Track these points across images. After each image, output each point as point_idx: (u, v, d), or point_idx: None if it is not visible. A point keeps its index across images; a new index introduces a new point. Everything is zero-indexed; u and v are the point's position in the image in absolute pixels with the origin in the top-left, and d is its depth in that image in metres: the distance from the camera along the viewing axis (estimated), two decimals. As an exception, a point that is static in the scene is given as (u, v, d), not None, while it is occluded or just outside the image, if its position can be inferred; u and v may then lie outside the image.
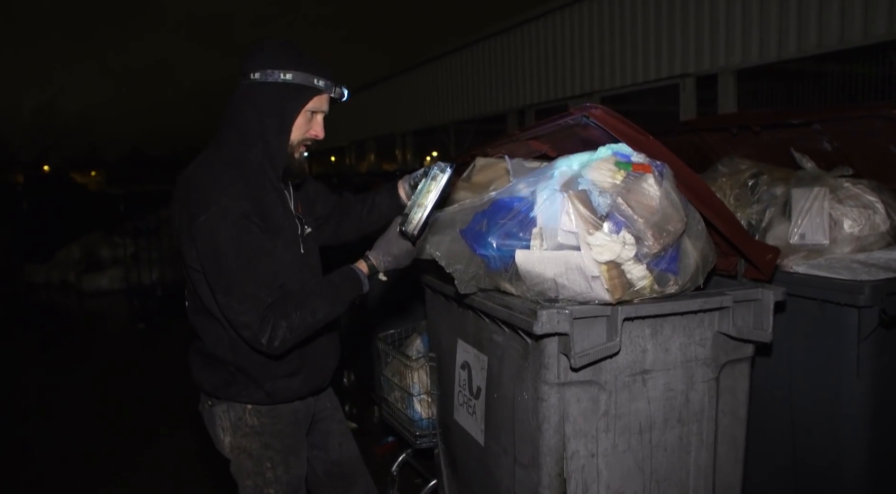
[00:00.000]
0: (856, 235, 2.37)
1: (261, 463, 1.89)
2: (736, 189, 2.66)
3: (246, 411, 1.87)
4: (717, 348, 2.01)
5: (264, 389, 1.85)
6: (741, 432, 2.10)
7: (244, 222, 1.66)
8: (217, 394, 1.88)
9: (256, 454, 1.88)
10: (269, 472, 1.89)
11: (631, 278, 1.78)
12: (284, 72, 1.72)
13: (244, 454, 1.89)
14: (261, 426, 1.88)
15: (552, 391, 1.87)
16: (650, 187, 1.74)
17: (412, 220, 1.81)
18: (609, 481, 1.94)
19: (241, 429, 1.88)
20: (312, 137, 1.84)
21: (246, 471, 1.90)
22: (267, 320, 1.65)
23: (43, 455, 4.18)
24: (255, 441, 1.88)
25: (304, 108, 1.77)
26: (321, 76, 1.76)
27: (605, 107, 1.85)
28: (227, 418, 1.88)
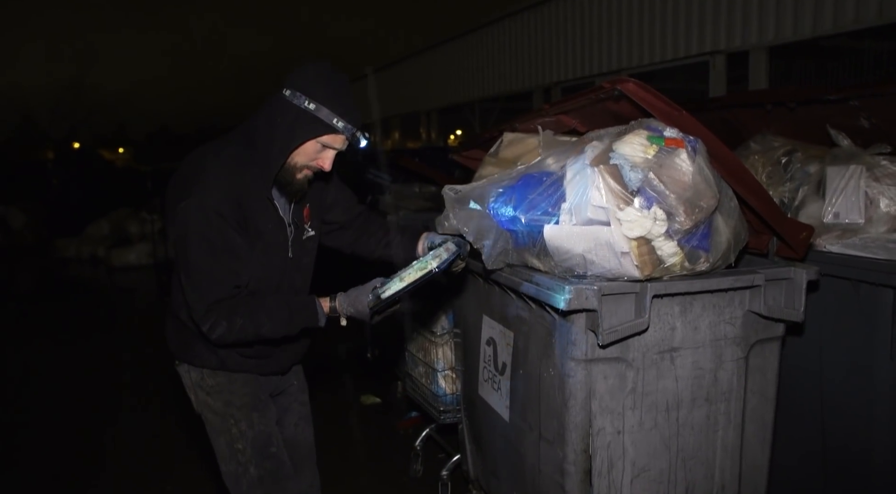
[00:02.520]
0: (892, 214, 2.31)
1: (226, 420, 1.98)
2: (769, 167, 2.60)
3: (203, 372, 1.97)
4: (748, 326, 1.98)
5: (217, 355, 1.93)
6: (770, 412, 2.08)
7: (217, 218, 1.72)
8: (178, 355, 2.00)
9: (220, 411, 1.98)
10: (234, 428, 1.97)
11: (661, 254, 1.76)
12: (310, 101, 1.76)
13: (210, 411, 1.99)
14: (218, 385, 1.97)
15: (579, 367, 1.87)
16: (683, 163, 1.71)
17: (386, 290, 1.80)
18: (635, 458, 1.94)
19: (202, 388, 1.98)
20: (317, 167, 1.87)
21: (215, 429, 2.00)
22: (211, 313, 1.75)
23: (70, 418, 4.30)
24: (217, 399, 1.98)
25: (314, 138, 1.80)
26: (344, 119, 1.78)
27: (637, 80, 1.82)
28: (188, 377, 2.00)
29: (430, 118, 17.09)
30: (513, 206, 1.89)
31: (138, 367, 5.36)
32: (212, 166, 1.77)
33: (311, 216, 2.04)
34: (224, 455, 2.00)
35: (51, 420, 4.36)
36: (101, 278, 10.02)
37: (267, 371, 2.05)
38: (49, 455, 3.84)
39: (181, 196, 1.74)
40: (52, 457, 3.80)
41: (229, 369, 1.96)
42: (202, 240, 1.73)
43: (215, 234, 1.74)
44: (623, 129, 1.85)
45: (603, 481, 1.93)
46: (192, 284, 1.76)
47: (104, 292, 9.13)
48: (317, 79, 1.78)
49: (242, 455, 1.98)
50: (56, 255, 11.44)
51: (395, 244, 2.21)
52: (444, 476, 3.10)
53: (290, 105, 1.77)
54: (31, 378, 5.24)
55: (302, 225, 2.01)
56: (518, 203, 1.88)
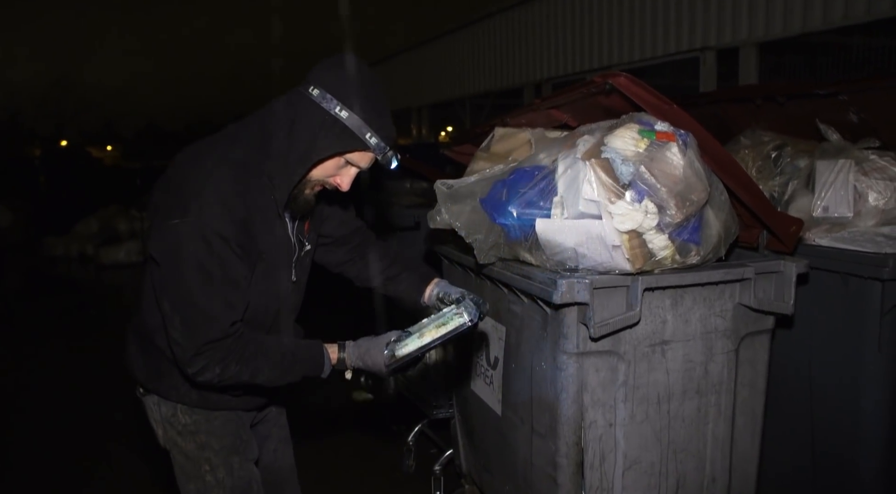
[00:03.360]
0: (881, 208, 2.33)
1: (198, 466, 1.69)
2: (759, 161, 2.62)
3: (178, 408, 1.68)
4: (738, 319, 2.00)
5: (198, 391, 1.65)
6: (760, 404, 2.10)
7: (219, 243, 1.44)
8: (146, 384, 1.70)
9: (193, 455, 1.69)
10: (209, 475, 1.70)
11: (652, 247, 1.77)
12: (342, 107, 1.47)
13: (180, 453, 1.71)
14: (194, 424, 1.68)
15: (571, 360, 1.87)
16: (674, 156, 1.72)
17: (404, 346, 1.60)
18: (626, 450, 1.95)
19: (173, 427, 1.69)
20: (334, 185, 1.61)
21: (186, 474, 1.72)
22: (201, 357, 1.47)
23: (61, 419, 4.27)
24: (189, 440, 1.69)
25: (341, 154, 1.54)
26: (379, 134, 1.50)
27: (628, 74, 1.83)
28: (157, 411, 1.71)
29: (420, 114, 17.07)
30: (505, 200, 1.89)
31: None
32: (215, 176, 1.46)
33: (309, 229, 1.78)
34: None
35: (41, 421, 4.33)
36: (90, 277, 9.96)
37: (252, 407, 1.80)
38: (39, 456, 3.81)
39: (175, 210, 1.44)
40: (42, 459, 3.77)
41: (210, 407, 1.68)
42: (198, 269, 1.43)
43: (215, 262, 1.44)
44: (614, 123, 1.86)
45: (595, 473, 1.93)
46: (182, 319, 1.46)
47: (93, 291, 9.07)
48: (351, 80, 1.50)
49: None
50: (44, 253, 11.36)
51: (404, 282, 1.97)
52: (437, 471, 3.10)
53: (317, 108, 1.48)
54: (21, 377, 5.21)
55: (303, 240, 1.75)
56: (510, 197, 1.88)
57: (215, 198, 1.44)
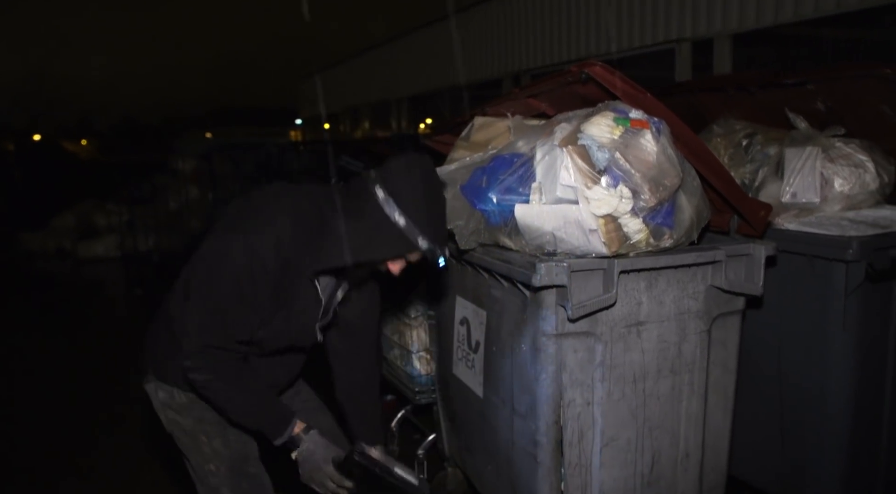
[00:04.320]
0: (846, 193, 2.42)
1: (196, 439, 1.83)
2: (730, 149, 2.70)
3: (174, 391, 1.82)
4: (710, 301, 2.07)
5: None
6: (731, 382, 2.18)
7: (259, 269, 1.60)
8: (152, 368, 1.85)
9: (190, 429, 1.83)
10: (206, 446, 1.83)
11: (627, 231, 1.83)
12: (401, 214, 1.57)
13: (180, 430, 1.85)
14: (190, 402, 1.81)
15: (550, 342, 1.94)
16: (648, 143, 1.79)
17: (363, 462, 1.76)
18: (604, 428, 2.02)
19: (171, 407, 1.83)
20: (384, 269, 1.74)
21: (187, 448, 1.85)
22: (202, 356, 1.63)
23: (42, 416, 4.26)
24: (187, 416, 1.82)
25: (394, 258, 1.68)
26: (428, 240, 1.61)
27: (603, 64, 1.88)
28: (156, 397, 1.85)
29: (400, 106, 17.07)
30: (485, 186, 1.95)
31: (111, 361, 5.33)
32: (281, 219, 1.62)
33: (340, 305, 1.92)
34: (197, 477, 1.87)
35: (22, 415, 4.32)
36: (69, 271, 9.86)
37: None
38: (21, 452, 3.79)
39: (238, 228, 1.63)
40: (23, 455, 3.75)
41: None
42: (234, 282, 1.59)
43: (248, 282, 1.60)
44: (591, 111, 1.92)
45: (574, 451, 2.00)
46: (201, 316, 1.62)
47: (72, 285, 8.99)
48: (414, 189, 1.60)
49: (215, 476, 1.84)
50: (21, 248, 11.20)
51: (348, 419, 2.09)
52: (420, 455, 3.16)
53: (380, 211, 1.58)
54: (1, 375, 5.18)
55: (329, 310, 1.87)
56: (489, 184, 1.94)
57: (273, 234, 1.61)
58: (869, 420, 2.32)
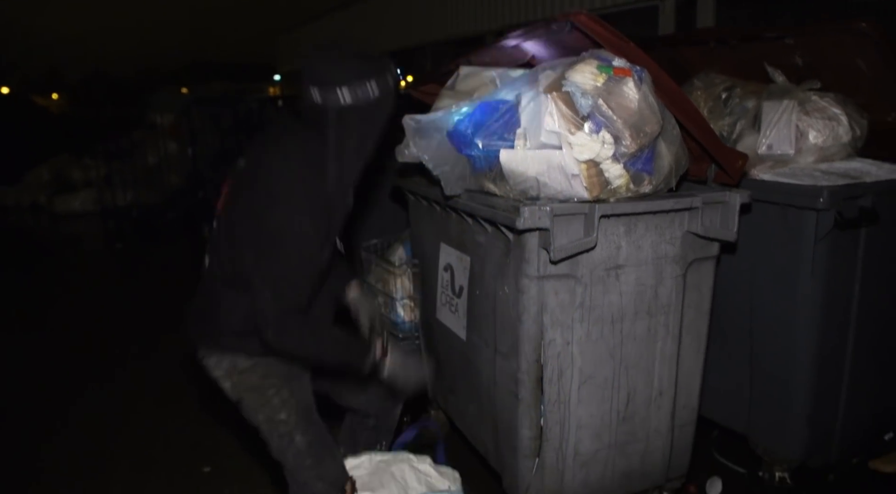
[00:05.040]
0: (819, 145, 2.50)
1: (264, 393, 1.93)
2: (710, 102, 2.75)
3: (237, 357, 1.92)
4: (686, 246, 2.15)
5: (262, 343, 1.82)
6: (704, 324, 2.28)
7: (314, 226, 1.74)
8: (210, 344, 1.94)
9: (257, 385, 1.93)
10: (275, 398, 1.93)
11: (608, 176, 1.89)
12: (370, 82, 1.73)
13: (246, 390, 1.94)
14: (254, 364, 1.92)
15: (532, 283, 2.01)
16: (630, 90, 1.83)
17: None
18: (582, 366, 2.11)
19: (236, 371, 1.93)
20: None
21: (254, 406, 1.94)
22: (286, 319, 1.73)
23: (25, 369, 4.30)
24: (252, 375, 1.93)
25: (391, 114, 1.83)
26: (391, 72, 1.78)
27: (589, 13, 1.92)
28: (220, 368, 1.94)
29: (381, 63, 16.84)
30: (470, 132, 1.99)
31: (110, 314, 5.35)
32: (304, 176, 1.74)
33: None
34: (267, 432, 1.96)
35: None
36: (45, 226, 9.76)
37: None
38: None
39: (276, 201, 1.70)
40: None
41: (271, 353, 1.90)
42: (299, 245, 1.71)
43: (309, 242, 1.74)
44: (575, 59, 1.96)
45: (553, 388, 2.10)
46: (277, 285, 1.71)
47: (51, 240, 8.91)
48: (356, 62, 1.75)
49: (286, 425, 1.94)
50: (-6, 203, 11.04)
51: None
52: (404, 400, 3.26)
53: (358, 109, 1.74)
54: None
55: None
56: (475, 130, 1.98)
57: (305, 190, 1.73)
58: (832, 363, 2.44)
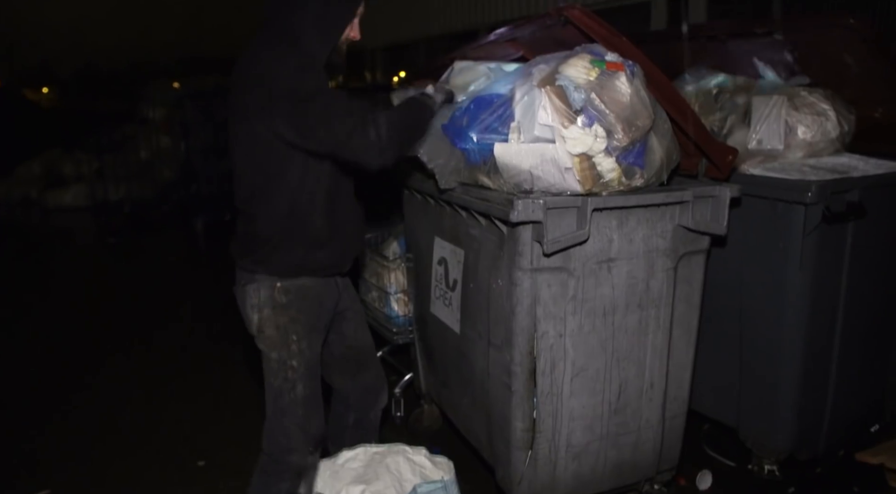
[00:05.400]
0: (808, 141, 2.54)
1: (286, 336, 2.04)
2: (701, 97, 2.78)
3: (275, 289, 2.02)
4: (677, 239, 2.18)
5: (297, 256, 2.00)
6: (695, 317, 2.31)
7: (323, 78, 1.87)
8: (255, 267, 2.03)
9: (283, 326, 2.03)
10: (294, 345, 2.05)
11: (601, 170, 1.91)
12: None
13: (272, 326, 2.04)
14: (288, 302, 2.03)
15: (525, 276, 2.03)
16: (622, 85, 1.86)
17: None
18: (575, 358, 2.14)
19: (269, 305, 2.03)
20: (353, 39, 2.01)
21: (272, 344, 2.05)
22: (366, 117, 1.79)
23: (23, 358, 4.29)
24: (283, 315, 2.03)
25: (357, 14, 1.95)
26: None
27: (582, 7, 1.94)
28: (256, 296, 2.04)
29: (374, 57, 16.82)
30: (465, 126, 2.01)
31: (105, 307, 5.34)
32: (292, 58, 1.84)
33: None
34: (273, 370, 2.06)
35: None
36: (36, 220, 9.71)
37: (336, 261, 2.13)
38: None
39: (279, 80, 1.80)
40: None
41: (302, 270, 2.03)
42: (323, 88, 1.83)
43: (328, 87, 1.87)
44: (568, 54, 1.98)
45: (546, 380, 2.12)
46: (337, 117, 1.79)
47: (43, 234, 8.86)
48: None
49: (294, 372, 2.05)
50: (-17, 197, 10.96)
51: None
52: (397, 394, 3.28)
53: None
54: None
55: None
56: (470, 123, 2.00)
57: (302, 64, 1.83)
58: (820, 356, 2.48)
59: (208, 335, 4.52)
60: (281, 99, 1.80)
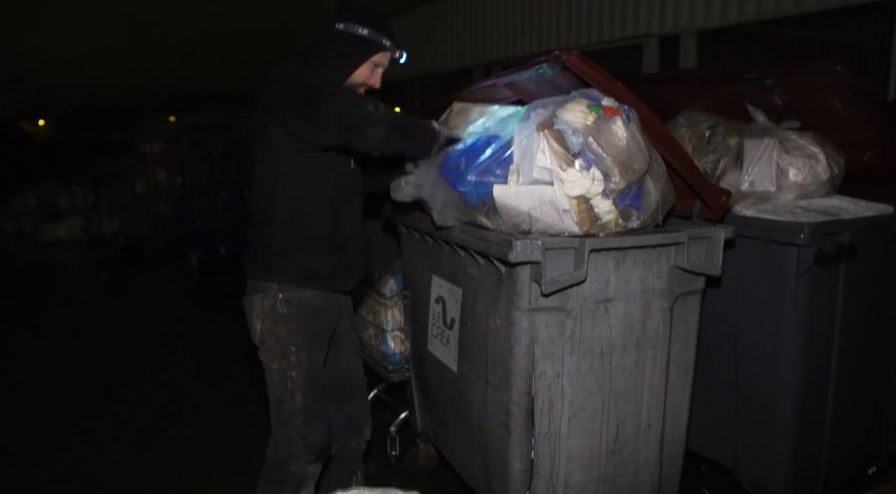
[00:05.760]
0: (800, 183, 2.58)
1: (286, 347, 2.14)
2: (694, 140, 2.84)
3: (277, 300, 2.14)
4: (673, 280, 2.20)
5: (298, 262, 2.12)
6: (691, 357, 2.32)
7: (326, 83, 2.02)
8: (259, 275, 2.15)
9: (284, 338, 2.15)
10: (293, 356, 2.15)
11: (598, 212, 1.95)
12: (363, 27, 2.08)
13: (273, 337, 2.15)
14: (289, 313, 2.15)
15: (524, 316, 2.05)
16: (618, 129, 1.90)
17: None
18: (573, 398, 2.14)
19: (271, 316, 2.14)
20: (371, 85, 2.18)
21: (273, 355, 2.16)
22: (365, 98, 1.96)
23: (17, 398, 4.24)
24: (283, 326, 2.15)
25: (369, 59, 2.12)
26: (390, 38, 2.13)
27: (577, 53, 1.99)
28: (260, 306, 2.15)
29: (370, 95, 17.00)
30: (463, 169, 2.04)
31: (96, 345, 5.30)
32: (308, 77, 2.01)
33: None
34: (274, 381, 2.18)
35: None
36: (30, 253, 9.68)
37: (341, 274, 2.24)
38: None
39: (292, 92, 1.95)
40: None
41: (307, 277, 2.14)
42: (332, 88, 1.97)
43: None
44: (565, 98, 2.03)
45: (544, 420, 2.12)
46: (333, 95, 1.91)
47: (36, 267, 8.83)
48: (362, 10, 2.11)
49: (293, 382, 2.16)
50: (-24, 229, 10.93)
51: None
52: (393, 432, 3.26)
53: (346, 34, 2.07)
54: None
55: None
56: (468, 166, 2.03)
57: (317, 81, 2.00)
58: (816, 397, 2.49)
59: (203, 375, 4.48)
60: (295, 97, 1.94)
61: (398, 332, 3.20)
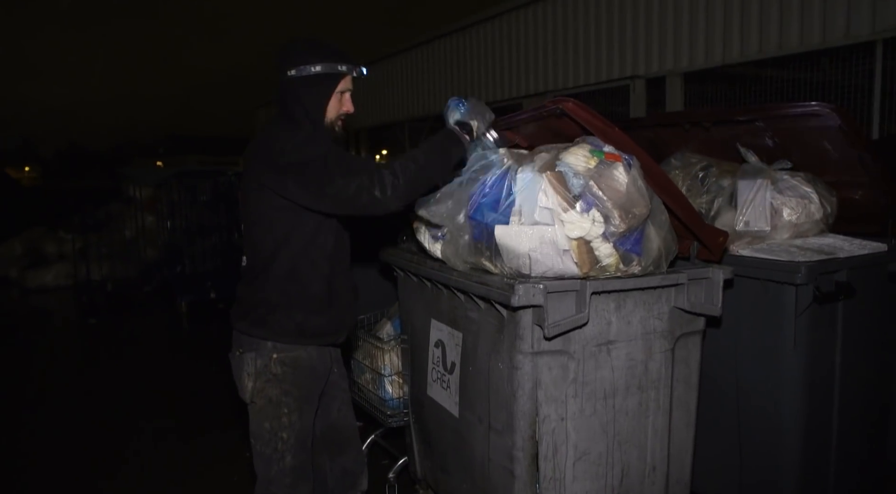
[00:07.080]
0: (794, 222, 2.62)
1: (278, 408, 2.12)
2: (688, 181, 2.88)
3: (271, 360, 2.10)
4: (673, 321, 2.21)
5: (295, 320, 2.10)
6: (693, 398, 2.31)
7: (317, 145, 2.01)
8: (253, 332, 2.11)
9: (276, 399, 2.12)
10: (285, 417, 2.12)
11: (598, 254, 1.96)
12: (313, 65, 2.05)
13: (265, 398, 2.12)
14: (283, 374, 2.11)
15: (526, 359, 2.04)
16: (619, 174, 1.93)
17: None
18: (577, 442, 2.11)
19: (264, 375, 2.11)
20: (346, 113, 2.16)
21: (265, 415, 2.13)
22: (373, 176, 1.89)
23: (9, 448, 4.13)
24: (276, 387, 2.12)
25: (334, 91, 2.10)
26: (343, 62, 2.09)
27: (576, 100, 2.03)
28: (252, 365, 2.12)
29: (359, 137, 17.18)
30: (466, 208, 2.05)
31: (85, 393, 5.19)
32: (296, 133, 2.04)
33: None
34: (263, 439, 2.14)
35: None
36: (15, 300, 9.54)
37: (335, 328, 2.22)
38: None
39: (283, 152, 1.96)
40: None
41: (303, 334, 2.11)
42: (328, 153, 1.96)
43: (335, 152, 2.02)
44: (569, 144, 2.06)
45: (548, 464, 2.09)
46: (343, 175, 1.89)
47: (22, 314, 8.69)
48: (306, 48, 2.09)
49: (284, 443, 2.13)
50: (-38, 277, 10.79)
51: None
52: (392, 479, 3.19)
53: (301, 79, 2.05)
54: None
55: None
56: (472, 206, 2.04)
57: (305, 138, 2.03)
58: (819, 433, 2.47)
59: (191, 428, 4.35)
60: (290, 167, 1.94)
61: (396, 376, 3.16)
